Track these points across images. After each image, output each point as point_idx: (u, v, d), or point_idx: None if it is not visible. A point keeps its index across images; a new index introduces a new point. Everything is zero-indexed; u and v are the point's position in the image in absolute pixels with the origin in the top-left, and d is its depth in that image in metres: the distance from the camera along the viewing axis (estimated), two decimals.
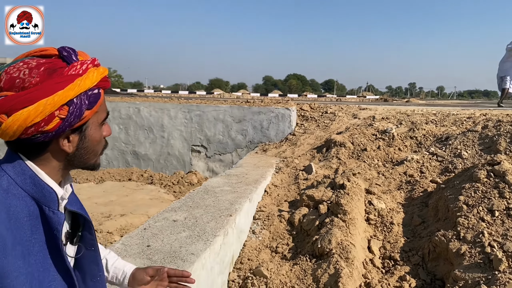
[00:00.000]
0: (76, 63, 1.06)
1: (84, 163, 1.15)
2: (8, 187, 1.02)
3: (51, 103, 0.98)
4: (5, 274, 0.97)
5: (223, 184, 4.68)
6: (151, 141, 9.49)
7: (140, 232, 3.00)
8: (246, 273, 3.45)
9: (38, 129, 0.99)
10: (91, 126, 1.12)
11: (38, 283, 1.05)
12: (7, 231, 0.97)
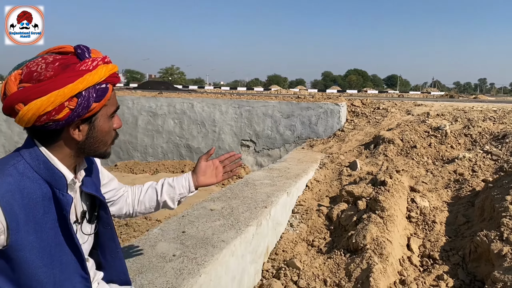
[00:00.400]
0: (87, 60, 1.19)
1: (94, 151, 1.29)
2: (23, 170, 1.17)
3: (62, 94, 1.12)
4: (18, 247, 1.13)
5: (263, 177, 4.78)
6: (203, 135, 9.81)
7: (178, 219, 3.17)
8: (280, 263, 3.53)
9: (49, 118, 1.13)
10: (100, 117, 1.25)
11: (49, 256, 1.20)
12: (20, 209, 1.12)
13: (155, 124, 10.16)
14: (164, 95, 10.89)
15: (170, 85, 41.75)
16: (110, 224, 1.54)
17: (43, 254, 1.18)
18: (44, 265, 1.18)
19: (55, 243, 1.22)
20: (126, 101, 10.40)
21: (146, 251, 2.52)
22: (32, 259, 1.16)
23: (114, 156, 10.53)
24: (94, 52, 1.25)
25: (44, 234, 1.19)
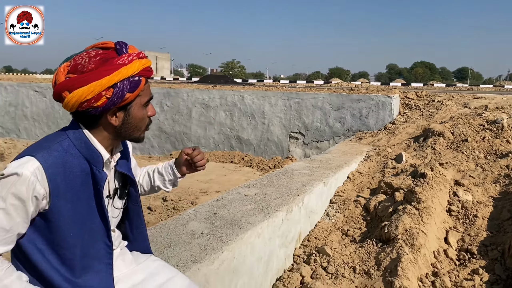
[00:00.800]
0: (124, 55, 1.37)
1: (129, 136, 1.48)
2: (67, 148, 1.37)
3: (100, 85, 1.31)
4: (56, 212, 1.33)
5: (303, 167, 4.86)
6: (252, 127, 10.00)
7: (212, 202, 3.36)
8: (311, 250, 3.62)
9: (89, 105, 1.33)
10: (135, 106, 1.43)
11: (81, 223, 1.40)
12: (61, 181, 1.32)
13: (207, 115, 10.51)
14: (216, 88, 11.21)
15: (228, 79, 42.46)
16: (138, 201, 1.72)
17: (75, 221, 1.38)
18: (75, 230, 1.38)
19: (87, 213, 1.42)
20: (181, 94, 10.83)
21: (178, 228, 2.72)
22: (66, 223, 1.35)
23: (170, 145, 11.03)
24: (131, 48, 1.42)
25: (79, 203, 1.38)
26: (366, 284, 3.16)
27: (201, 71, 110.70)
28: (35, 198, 1.27)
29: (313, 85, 26.60)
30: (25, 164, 1.26)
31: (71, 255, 1.39)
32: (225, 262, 2.39)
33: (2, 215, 1.25)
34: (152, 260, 1.76)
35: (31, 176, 1.25)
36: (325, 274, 3.25)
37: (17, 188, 1.24)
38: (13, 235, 1.29)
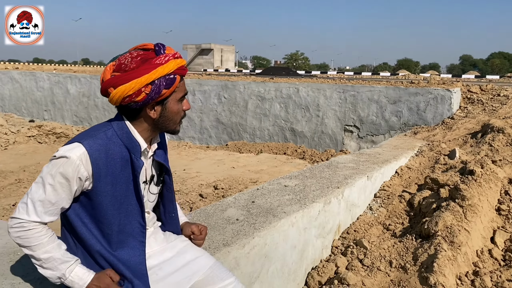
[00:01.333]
0: (162, 55, 1.56)
1: (166, 128, 1.67)
2: (111, 136, 1.59)
3: (140, 82, 1.50)
4: (97, 192, 1.55)
5: (349, 161, 4.88)
6: (307, 120, 10.04)
7: (252, 191, 3.52)
8: (349, 242, 3.68)
9: (131, 100, 1.53)
10: (171, 101, 1.61)
11: (119, 204, 1.61)
12: (103, 165, 1.54)
13: (263, 107, 10.69)
14: (272, 80, 11.35)
15: (290, 71, 42.33)
16: (171, 189, 1.93)
17: (114, 201, 1.59)
18: (114, 209, 1.60)
19: (125, 195, 1.63)
20: (238, 86, 11.10)
21: (216, 214, 2.91)
22: (106, 203, 1.57)
23: (226, 136, 11.36)
24: (168, 49, 1.61)
25: (118, 186, 1.60)
26: (401, 278, 3.18)
27: (265, 63, 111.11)
28: (79, 179, 1.50)
29: (397, 77, 25.54)
30: (73, 149, 1.49)
31: (109, 230, 1.60)
32: (256, 248, 2.54)
33: (50, 190, 1.49)
34: (182, 240, 1.95)
35: (77, 159, 1.48)
36: (361, 266, 3.30)
37: (64, 168, 1.47)
38: (57, 208, 1.52)
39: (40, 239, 1.54)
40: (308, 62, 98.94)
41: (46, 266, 1.56)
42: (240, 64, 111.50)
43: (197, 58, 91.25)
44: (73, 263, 1.58)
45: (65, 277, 1.56)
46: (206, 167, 7.25)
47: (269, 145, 10.03)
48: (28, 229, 1.53)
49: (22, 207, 1.53)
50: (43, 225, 1.56)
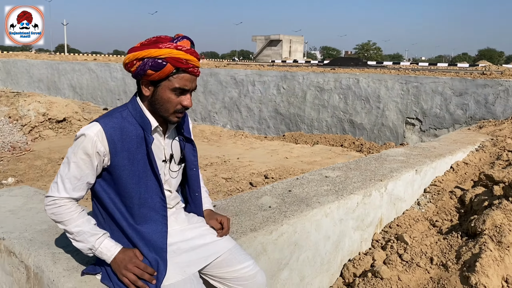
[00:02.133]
0: (169, 43, 1.68)
1: (158, 111, 1.77)
2: (126, 116, 1.74)
3: (133, 56, 1.68)
4: (115, 167, 1.70)
5: (400, 154, 4.74)
6: (366, 111, 9.80)
7: (291, 180, 3.56)
8: (391, 236, 3.60)
9: (128, 68, 1.71)
10: (163, 86, 1.72)
11: (137, 178, 1.75)
12: (118, 141, 1.69)
13: (321, 98, 10.58)
14: (332, 71, 11.18)
15: (359, 61, 41.28)
16: (196, 167, 2.04)
17: (133, 175, 1.74)
18: (133, 183, 1.74)
19: (143, 170, 1.77)
20: (297, 77, 11.07)
21: (250, 201, 2.99)
22: (125, 177, 1.73)
23: (284, 127, 11.41)
24: (183, 42, 1.73)
25: (135, 162, 1.74)
26: (441, 276, 3.08)
27: (335, 53, 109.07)
28: (98, 154, 1.66)
29: (476, 69, 24.12)
30: (90, 127, 1.66)
31: (131, 203, 1.75)
32: (284, 235, 2.59)
33: (74, 167, 1.66)
34: (204, 222, 2.06)
35: (94, 136, 1.64)
36: (399, 261, 3.23)
37: (84, 145, 1.64)
38: (83, 183, 1.69)
39: (70, 214, 1.71)
40: (380, 52, 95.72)
41: (78, 239, 1.74)
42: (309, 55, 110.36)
43: (265, 49, 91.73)
44: (102, 236, 1.74)
45: (95, 248, 1.73)
46: (259, 156, 7.36)
47: (326, 136, 9.93)
48: (60, 205, 1.71)
49: (54, 186, 1.72)
50: (73, 201, 1.73)
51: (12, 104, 14.87)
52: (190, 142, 2.00)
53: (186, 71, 1.72)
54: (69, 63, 21.46)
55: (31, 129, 10.76)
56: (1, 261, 2.24)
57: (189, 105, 1.78)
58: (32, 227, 2.37)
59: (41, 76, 23.01)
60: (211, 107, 13.24)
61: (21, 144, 9.55)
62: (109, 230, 1.80)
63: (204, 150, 7.87)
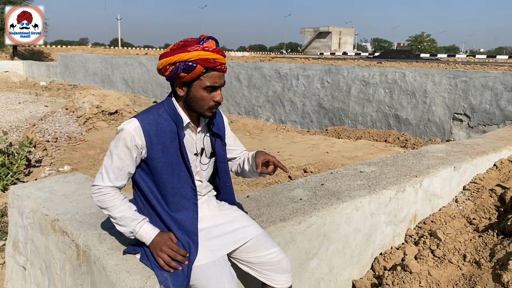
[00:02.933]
0: (196, 45, 1.84)
1: (193, 109, 1.95)
2: (161, 113, 1.93)
3: (166, 61, 1.84)
4: (151, 158, 1.90)
5: (440, 150, 4.69)
6: (412, 106, 9.61)
7: (325, 174, 3.65)
8: (424, 232, 3.61)
9: (162, 73, 1.88)
10: (195, 86, 1.89)
11: (171, 169, 1.93)
12: (153, 135, 1.88)
13: (366, 93, 10.47)
14: (378, 64, 11.01)
15: (410, 54, 40.06)
16: (225, 161, 2.20)
17: (166, 166, 1.93)
18: (167, 174, 1.93)
19: (176, 162, 1.95)
20: (342, 70, 11.01)
21: (283, 193, 3.12)
22: (160, 168, 1.92)
23: (327, 121, 11.39)
24: (208, 43, 1.88)
25: (169, 154, 1.93)
26: (473, 273, 3.07)
27: (386, 45, 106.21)
28: (136, 147, 1.85)
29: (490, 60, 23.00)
30: (129, 123, 1.87)
31: (165, 192, 1.94)
32: (313, 226, 2.70)
33: (116, 159, 1.86)
34: (234, 210, 2.21)
35: (132, 131, 1.84)
36: (431, 257, 3.25)
37: (124, 139, 1.84)
38: (125, 173, 1.89)
39: (114, 201, 1.92)
40: (434, 44, 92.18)
41: (120, 224, 1.95)
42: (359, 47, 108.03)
43: (314, 42, 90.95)
44: (141, 221, 1.94)
45: (135, 232, 1.94)
46: (299, 150, 7.44)
47: (370, 131, 9.83)
48: (105, 193, 1.92)
49: (99, 176, 1.94)
50: (116, 190, 1.94)
51: (69, 96, 15.80)
52: (219, 138, 2.16)
53: (215, 69, 1.88)
54: (122, 57, 22.40)
55: (85, 120, 11.42)
56: (56, 239, 2.51)
57: (220, 100, 1.94)
58: (83, 210, 2.63)
59: (96, 69, 24.17)
60: (255, 100, 13.43)
61: (76, 135, 10.18)
62: (147, 215, 2.00)
63: (245, 143, 8.05)
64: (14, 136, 9.41)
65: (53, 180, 3.31)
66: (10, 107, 14.39)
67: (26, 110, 13.71)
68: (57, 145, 9.00)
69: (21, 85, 23.97)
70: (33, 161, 7.46)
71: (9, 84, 24.15)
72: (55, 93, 19.85)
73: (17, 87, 22.49)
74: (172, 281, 1.85)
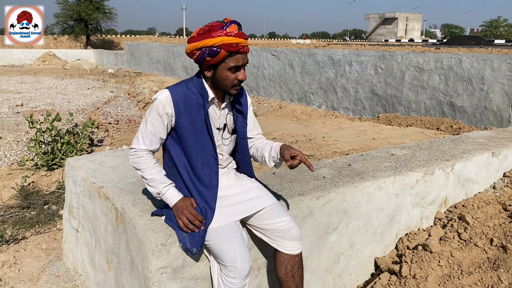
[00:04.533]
0: (220, 31, 2.05)
1: (220, 88, 2.18)
2: (190, 86, 2.18)
3: (193, 46, 2.07)
4: (179, 126, 2.15)
5: (482, 137, 4.59)
6: (469, 93, 9.24)
7: (355, 156, 3.75)
8: (454, 216, 3.62)
9: (190, 56, 2.11)
10: (221, 68, 2.11)
11: (196, 137, 2.18)
12: (181, 105, 2.13)
13: (420, 79, 10.18)
14: (434, 50, 10.63)
15: (481, 40, 37.88)
16: (244, 137, 2.42)
17: (192, 134, 2.18)
18: (192, 141, 2.18)
19: (200, 131, 2.20)
20: (396, 57, 10.76)
21: (308, 171, 3.27)
22: (186, 135, 2.17)
23: (380, 108, 11.22)
24: (231, 27, 2.09)
25: (194, 123, 2.18)
26: (498, 257, 3.08)
27: (458, 31, 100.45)
28: (166, 115, 2.12)
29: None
30: (161, 93, 2.15)
31: (190, 159, 2.20)
32: (332, 202, 2.84)
33: (150, 125, 2.15)
34: (251, 181, 2.43)
35: (164, 100, 2.11)
36: (457, 239, 3.28)
37: (156, 107, 2.12)
38: (157, 138, 2.18)
39: (146, 164, 2.21)
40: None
41: (150, 184, 2.23)
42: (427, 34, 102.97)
43: (379, 28, 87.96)
44: (168, 185, 2.21)
45: (162, 194, 2.21)
46: (345, 136, 7.47)
47: (422, 119, 9.58)
48: (139, 156, 2.21)
49: (135, 139, 2.23)
50: (150, 153, 2.23)
51: (133, 83, 16.72)
52: (241, 115, 2.37)
53: (238, 52, 2.09)
54: (183, 45, 23.20)
55: (144, 105, 12.12)
56: (100, 204, 2.87)
57: (243, 78, 2.16)
58: (124, 179, 2.97)
59: (159, 57, 25.24)
60: (308, 87, 13.47)
61: (135, 118, 10.86)
62: (174, 180, 2.27)
63: (291, 128, 8.21)
64: (80, 118, 10.24)
65: (103, 154, 3.71)
66: (80, 92, 15.56)
67: (93, 95, 14.76)
68: (118, 127, 9.69)
69: (91, 72, 25.63)
70: (96, 141, 8.12)
71: (81, 71, 25.90)
72: (120, 79, 21.05)
73: (87, 74, 24.09)
74: (189, 240, 2.11)
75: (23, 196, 5.05)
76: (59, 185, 5.43)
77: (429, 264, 2.96)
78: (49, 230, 4.34)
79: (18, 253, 3.90)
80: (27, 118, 6.43)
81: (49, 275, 3.50)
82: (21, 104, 11.39)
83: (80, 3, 42.93)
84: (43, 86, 17.27)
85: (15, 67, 29.03)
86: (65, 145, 6.40)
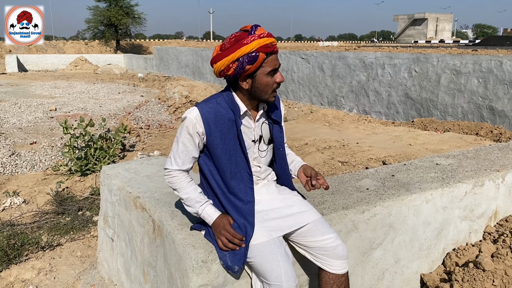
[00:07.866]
0: (250, 36, 1.94)
1: (259, 97, 2.06)
2: (220, 102, 2.07)
3: (227, 60, 1.94)
4: (211, 145, 2.06)
5: None
6: (510, 97, 8.84)
7: (398, 165, 3.58)
8: (505, 230, 3.40)
9: (224, 73, 1.99)
10: (259, 74, 1.99)
11: (228, 155, 2.08)
12: (212, 123, 2.03)
13: (457, 82, 9.81)
14: (472, 52, 10.23)
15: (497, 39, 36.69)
16: (282, 147, 2.30)
17: (224, 152, 2.08)
18: (225, 159, 2.08)
19: (233, 148, 2.09)
20: (431, 59, 10.42)
21: (350, 182, 3.13)
22: (218, 153, 2.07)
23: (414, 112, 10.89)
24: (259, 30, 1.98)
25: (226, 141, 2.08)
26: None
27: (490, 31, 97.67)
28: (197, 134, 2.02)
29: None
30: (191, 111, 2.04)
31: (224, 176, 2.10)
32: (377, 216, 2.69)
33: (181, 145, 2.05)
34: (293, 195, 2.30)
35: (193, 119, 2.01)
36: (510, 256, 3.06)
37: (187, 126, 2.02)
38: (189, 158, 2.08)
39: (181, 183, 2.12)
40: None
41: (187, 204, 2.15)
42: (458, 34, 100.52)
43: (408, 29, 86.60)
44: (205, 203, 2.12)
45: (199, 213, 2.12)
46: (380, 142, 7.25)
47: (459, 124, 9.22)
48: (173, 176, 2.13)
49: (168, 160, 2.15)
50: (184, 173, 2.14)
51: (162, 87, 16.88)
52: (278, 124, 2.25)
53: (273, 53, 1.98)
54: (211, 49, 23.33)
55: (175, 110, 12.17)
56: (137, 215, 2.81)
57: (282, 80, 2.05)
58: (161, 189, 2.90)
59: (187, 61, 25.45)
60: (338, 91, 13.24)
61: (166, 122, 10.90)
62: (210, 197, 2.17)
63: (324, 134, 8.03)
64: (112, 123, 10.35)
65: (138, 162, 3.66)
66: (111, 97, 15.80)
67: (124, 100, 14.96)
68: (149, 132, 9.74)
69: (121, 77, 26.09)
70: (128, 146, 8.17)
71: (111, 76, 26.40)
72: (150, 84, 21.32)
73: (118, 79, 24.52)
74: (230, 258, 2.01)
75: (58, 201, 5.08)
76: (92, 191, 5.45)
77: (483, 284, 2.76)
78: (83, 237, 4.34)
79: (53, 260, 3.90)
80: (61, 124, 6.51)
81: (84, 284, 3.48)
82: (55, 109, 11.64)
83: (111, 8, 43.95)
84: (75, 90, 17.65)
85: (49, 72, 29.86)
86: (98, 151, 6.44)
